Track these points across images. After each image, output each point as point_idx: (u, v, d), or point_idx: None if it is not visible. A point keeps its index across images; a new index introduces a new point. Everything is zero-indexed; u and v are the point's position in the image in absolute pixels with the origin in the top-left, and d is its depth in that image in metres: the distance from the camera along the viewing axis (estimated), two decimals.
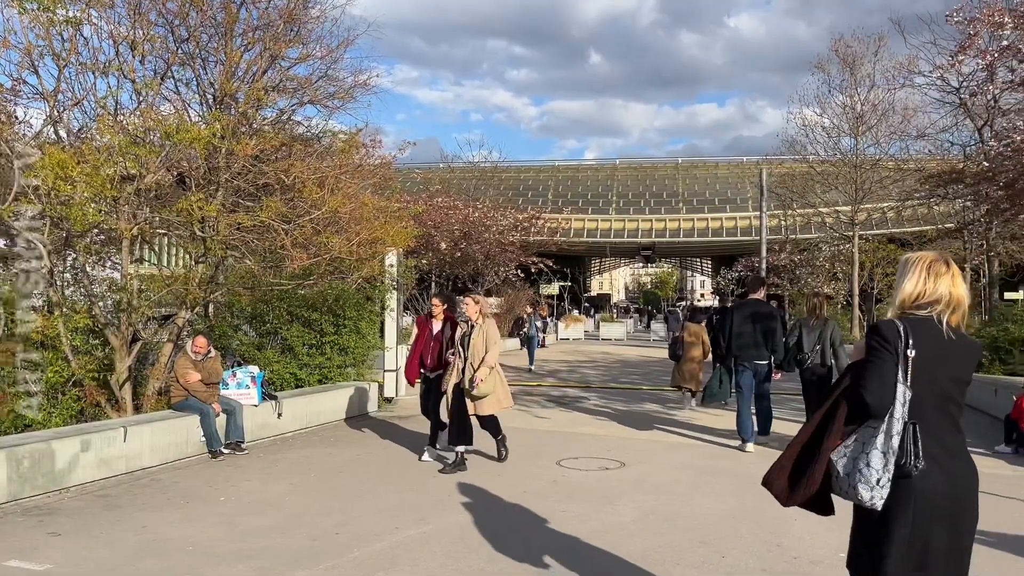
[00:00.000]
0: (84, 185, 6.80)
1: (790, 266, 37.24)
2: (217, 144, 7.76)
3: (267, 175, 9.16)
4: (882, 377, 2.74)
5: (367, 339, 12.32)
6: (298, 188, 9.05)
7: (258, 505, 6.41)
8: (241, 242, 8.71)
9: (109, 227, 8.39)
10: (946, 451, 2.77)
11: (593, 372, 19.31)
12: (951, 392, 2.81)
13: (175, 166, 9.38)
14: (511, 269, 31.56)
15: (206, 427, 8.26)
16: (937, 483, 2.73)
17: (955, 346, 2.83)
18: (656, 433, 10.19)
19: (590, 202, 57.58)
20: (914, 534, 2.73)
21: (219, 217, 7.66)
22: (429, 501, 6.58)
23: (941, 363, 2.80)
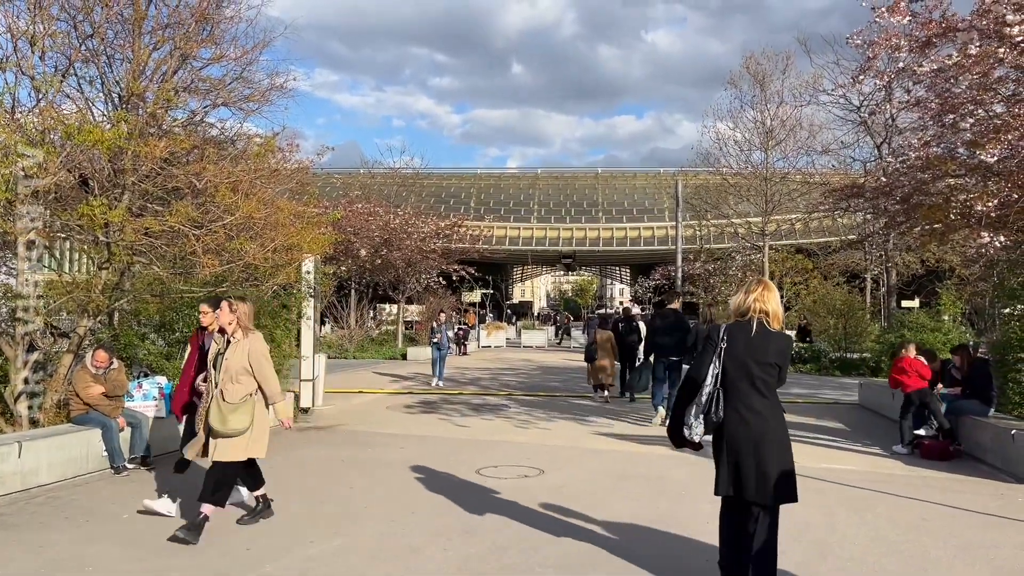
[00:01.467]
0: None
1: (704, 275, 38.40)
2: (123, 145, 7.43)
3: (177, 178, 8.83)
4: (701, 361, 4.40)
5: (282, 348, 12.00)
6: (210, 192, 8.76)
7: (164, 522, 6.14)
8: (149, 248, 8.36)
9: (3, 230, 7.92)
10: (748, 409, 4.27)
11: (514, 379, 19.40)
12: (755, 370, 4.27)
13: (77, 167, 8.94)
14: (432, 276, 31.40)
15: (108, 442, 7.89)
16: (737, 429, 4.28)
17: (761, 339, 4.29)
18: (576, 440, 10.31)
19: (512, 210, 57.92)
20: (728, 460, 4.31)
21: (124, 222, 7.32)
22: (345, 513, 6.46)
23: (748, 351, 4.28)
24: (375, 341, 29.66)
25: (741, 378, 4.28)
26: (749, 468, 4.23)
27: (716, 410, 4.28)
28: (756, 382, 4.26)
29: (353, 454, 9.23)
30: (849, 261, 35.33)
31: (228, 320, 5.87)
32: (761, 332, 4.30)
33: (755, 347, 4.27)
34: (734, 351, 4.29)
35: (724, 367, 4.30)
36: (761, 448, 4.22)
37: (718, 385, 4.29)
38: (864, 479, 7.95)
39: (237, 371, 5.77)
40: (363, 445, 9.85)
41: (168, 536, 5.55)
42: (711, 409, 4.29)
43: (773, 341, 4.30)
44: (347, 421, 11.92)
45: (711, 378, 4.30)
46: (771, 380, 4.29)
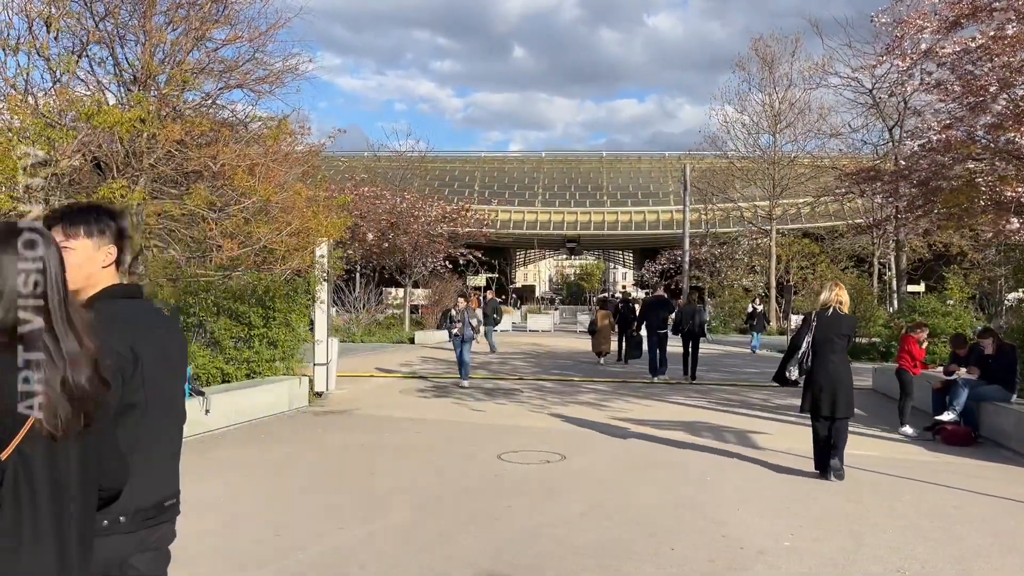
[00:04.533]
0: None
1: (711, 259, 38.28)
2: (141, 128, 7.33)
3: (193, 161, 8.74)
4: (800, 334, 7.24)
5: (297, 332, 11.98)
6: (227, 175, 8.67)
7: (193, 507, 6.09)
8: (166, 231, 8.29)
9: (20, 214, 7.83)
10: (828, 361, 7.04)
11: (524, 363, 19.36)
12: (833, 339, 7.07)
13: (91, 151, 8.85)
14: (439, 261, 31.29)
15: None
16: (819, 374, 7.07)
17: (836, 319, 7.11)
18: (594, 425, 10.26)
19: (516, 194, 57.71)
20: (813, 391, 7.13)
21: (143, 206, 7.24)
22: (371, 500, 6.43)
23: (827, 327, 7.08)
24: (381, 325, 29.60)
25: (823, 343, 7.09)
26: (827, 396, 7.05)
27: (807, 362, 7.11)
28: (834, 346, 7.10)
29: (372, 439, 9.20)
30: (856, 245, 35.18)
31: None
32: (836, 315, 7.17)
33: (832, 324, 7.13)
34: (820, 326, 7.12)
35: (814, 336, 7.11)
36: (834, 385, 7.04)
37: (809, 347, 7.08)
38: (888, 465, 7.91)
39: None
40: (380, 430, 9.82)
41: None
42: (804, 361, 7.11)
43: (844, 321, 7.27)
44: (362, 405, 11.88)
45: (805, 344, 7.11)
46: (842, 344, 7.21)
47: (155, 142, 8.18)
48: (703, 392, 13.93)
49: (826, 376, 7.01)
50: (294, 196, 9.58)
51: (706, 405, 12.19)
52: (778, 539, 5.35)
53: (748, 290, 36.34)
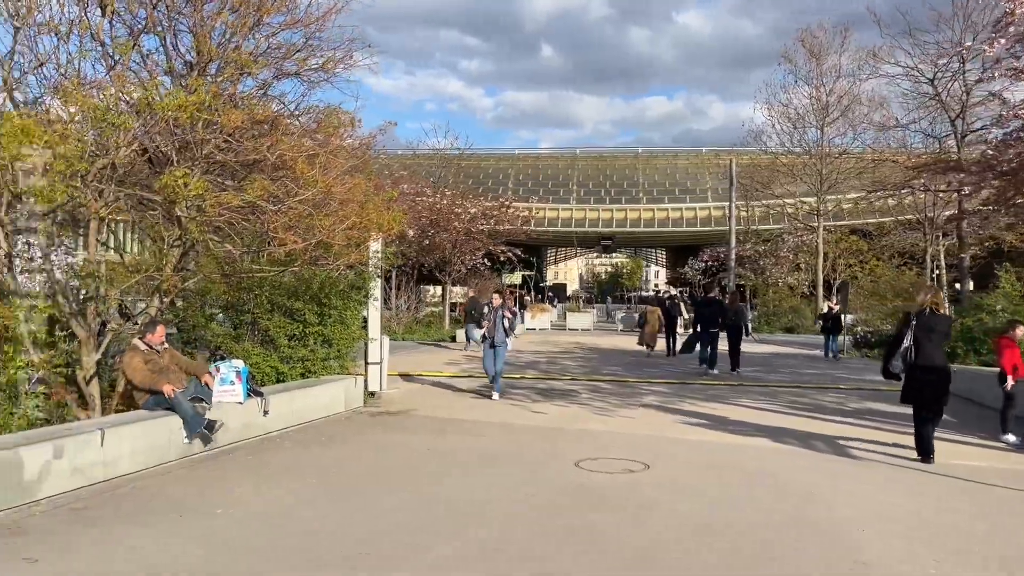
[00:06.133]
0: (53, 157, 5.94)
1: (754, 256, 37.39)
2: (206, 116, 6.93)
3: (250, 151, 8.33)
4: (900, 331, 8.03)
5: (351, 330, 11.57)
6: (288, 166, 8.26)
7: (261, 518, 5.69)
8: (226, 224, 7.90)
9: (76, 205, 7.49)
10: (928, 356, 7.70)
11: (573, 363, 18.82)
12: (931, 335, 7.74)
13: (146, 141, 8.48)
14: (477, 258, 30.88)
15: (183, 411, 7.44)
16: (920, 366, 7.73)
17: (932, 319, 7.80)
18: (664, 428, 9.71)
19: (550, 191, 57.16)
20: (913, 384, 7.82)
21: (206, 195, 6.84)
22: (451, 512, 5.94)
23: (925, 326, 7.75)
24: (420, 323, 29.29)
25: (923, 340, 7.72)
26: (927, 388, 7.71)
27: (909, 356, 7.76)
28: (932, 342, 7.73)
29: (435, 443, 8.74)
30: (907, 242, 34.06)
31: None
32: (933, 315, 7.83)
33: (930, 323, 7.78)
34: (920, 325, 7.78)
35: (915, 333, 7.76)
36: (932, 377, 7.68)
37: (911, 343, 7.73)
38: (1004, 477, 7.25)
39: None
40: (442, 432, 9.36)
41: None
42: (907, 356, 7.77)
43: (941, 320, 7.92)
44: (416, 406, 11.44)
45: (907, 340, 7.77)
46: (939, 340, 7.84)
47: (213, 130, 7.78)
48: (768, 394, 13.29)
49: (926, 369, 7.66)
50: (353, 188, 9.15)
51: (777, 408, 11.56)
52: (923, 568, 4.77)
53: (793, 288, 35.44)
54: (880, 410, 11.44)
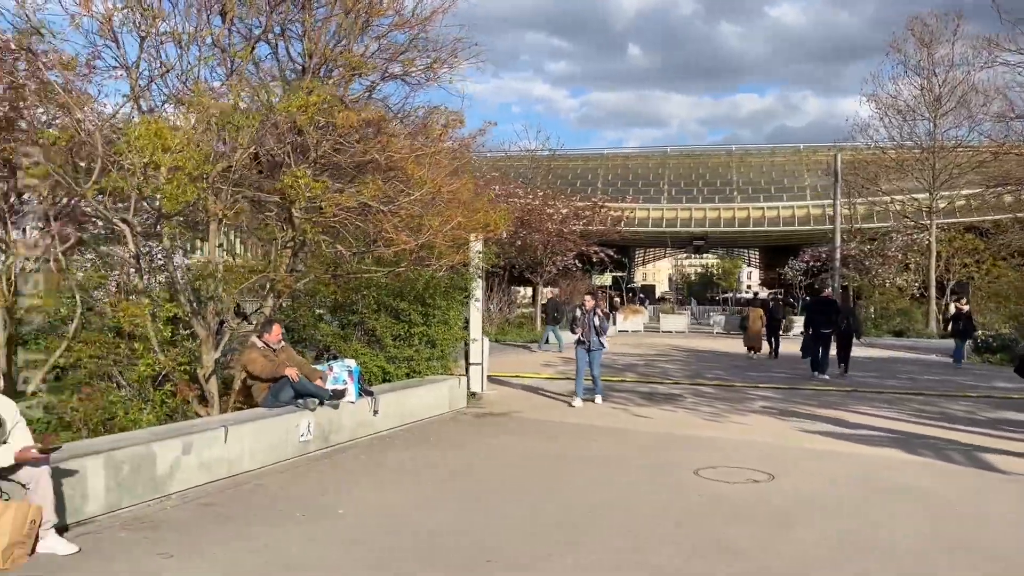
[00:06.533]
0: (183, 159, 6.08)
1: (860, 256, 35.64)
2: (325, 118, 6.98)
3: (361, 152, 8.37)
4: None
5: (453, 331, 11.55)
6: (399, 167, 8.26)
7: (383, 520, 5.64)
8: (339, 224, 7.95)
9: (201, 207, 7.69)
10: None
11: (672, 366, 18.34)
12: None
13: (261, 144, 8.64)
14: (569, 259, 30.61)
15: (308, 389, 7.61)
16: None
17: None
18: (783, 437, 9.22)
19: (640, 191, 56.22)
20: None
21: (324, 196, 6.88)
22: (572, 520, 5.74)
23: None
24: (512, 324, 29.27)
25: None
26: None
27: None
28: None
29: (545, 446, 8.57)
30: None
31: None
32: None
33: None
34: None
35: None
36: None
37: None
38: None
39: None
40: (550, 436, 9.18)
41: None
42: None
43: None
44: (519, 408, 11.31)
45: None
46: None
47: (326, 131, 7.84)
48: (888, 401, 12.52)
49: None
50: (460, 188, 9.09)
51: (901, 416, 10.85)
52: None
53: (902, 289, 33.61)
54: (1019, 420, 10.59)
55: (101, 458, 5.47)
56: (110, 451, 5.58)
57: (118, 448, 5.67)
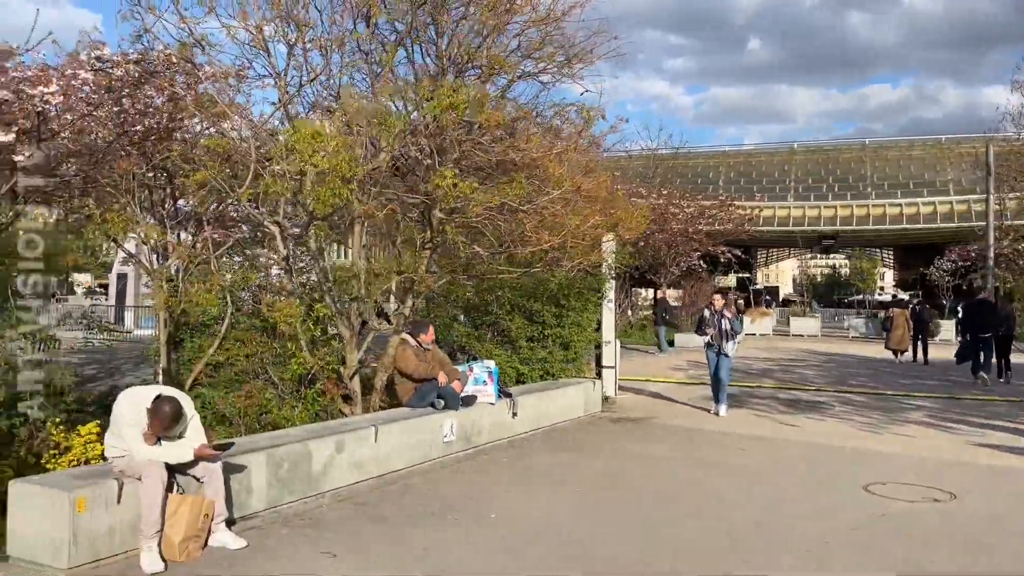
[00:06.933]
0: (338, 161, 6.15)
1: (1012, 255, 32.78)
2: (471, 118, 6.92)
3: (500, 151, 8.29)
4: None
5: (586, 333, 11.31)
6: (538, 165, 8.12)
7: (536, 527, 5.47)
8: (480, 224, 7.89)
9: (346, 209, 7.82)
10: None
11: (811, 372, 17.38)
12: None
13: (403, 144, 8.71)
14: (693, 259, 29.74)
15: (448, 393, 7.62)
16: None
17: None
18: (957, 452, 8.41)
19: (765, 188, 54.02)
20: None
21: (472, 196, 6.82)
22: (738, 536, 5.38)
23: None
24: (634, 327, 28.74)
25: None
26: None
27: None
28: None
29: (690, 454, 8.19)
30: None
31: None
32: None
33: None
34: None
35: None
36: None
37: None
38: None
39: None
40: (694, 443, 8.78)
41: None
42: None
43: None
44: (656, 413, 10.94)
45: None
46: None
47: (466, 130, 7.79)
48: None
49: None
50: (598, 186, 8.85)
51: None
52: None
53: None
54: None
55: (263, 455, 5.58)
56: (270, 448, 5.70)
57: (278, 445, 5.79)
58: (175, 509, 4.60)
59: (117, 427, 4.66)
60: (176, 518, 4.58)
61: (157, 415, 4.60)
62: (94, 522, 4.41)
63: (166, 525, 4.55)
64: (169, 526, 4.56)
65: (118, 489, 4.55)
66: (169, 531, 4.55)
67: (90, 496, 4.39)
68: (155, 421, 4.61)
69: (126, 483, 4.58)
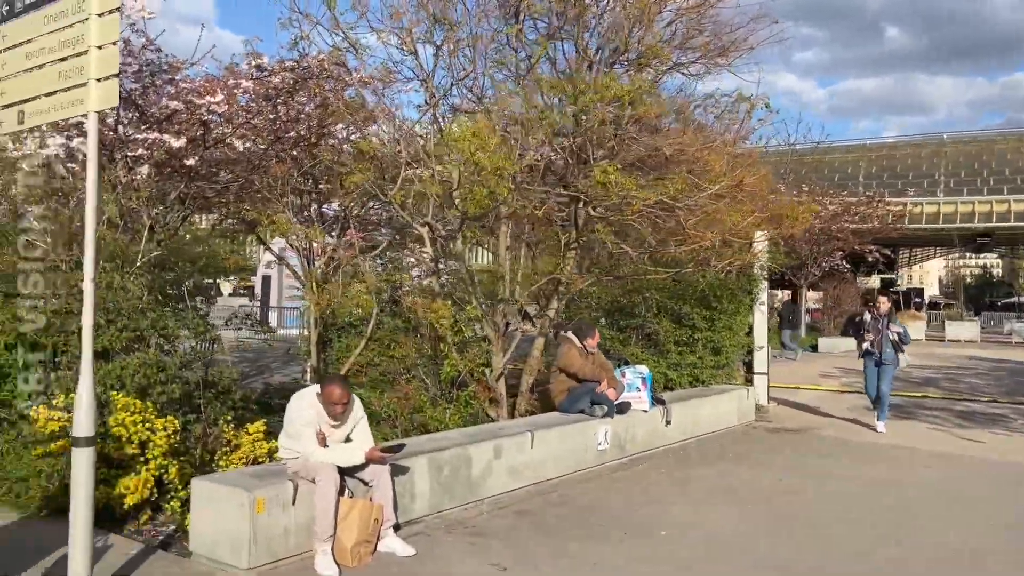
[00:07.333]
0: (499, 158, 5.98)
1: None
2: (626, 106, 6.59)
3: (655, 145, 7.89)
4: None
5: (738, 337, 10.72)
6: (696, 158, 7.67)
7: (711, 546, 5.07)
8: (635, 222, 7.53)
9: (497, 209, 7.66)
10: None
11: (980, 381, 15.88)
12: None
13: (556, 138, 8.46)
14: (835, 259, 28.04)
15: (602, 399, 7.28)
16: None
17: None
18: None
19: (911, 183, 50.45)
20: None
21: (636, 192, 6.47)
22: (944, 563, 4.77)
23: None
24: (771, 330, 27.38)
25: None
26: None
27: None
28: None
29: (865, 471, 7.49)
30: None
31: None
32: None
33: None
34: None
35: None
36: None
37: None
38: None
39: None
40: (866, 459, 8.05)
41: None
42: None
43: None
44: (814, 424, 10.20)
45: None
46: None
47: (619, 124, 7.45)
48: None
49: None
50: (760, 180, 8.29)
51: None
52: None
53: None
54: None
55: (425, 459, 5.47)
56: (432, 452, 5.58)
57: (440, 449, 5.66)
58: (346, 513, 4.53)
59: (292, 428, 4.65)
60: (348, 522, 4.51)
61: (329, 395, 4.60)
62: (271, 523, 4.40)
63: (338, 529, 4.49)
64: (341, 530, 4.49)
65: (293, 491, 4.52)
66: (341, 535, 4.49)
67: (268, 497, 4.38)
68: (329, 402, 4.60)
69: (300, 484, 4.56)
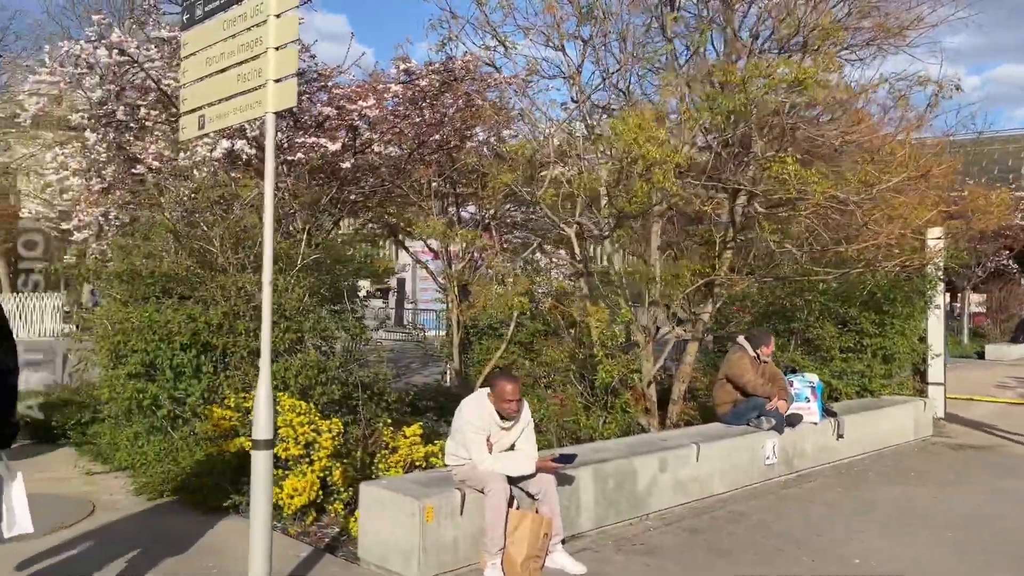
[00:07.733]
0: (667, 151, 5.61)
1: None
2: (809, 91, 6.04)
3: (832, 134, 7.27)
4: None
5: (910, 342, 9.79)
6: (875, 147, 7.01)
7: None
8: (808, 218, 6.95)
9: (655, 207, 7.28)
10: None
11: None
12: None
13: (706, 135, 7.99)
14: (1002, 259, 25.60)
15: (772, 412, 6.76)
16: None
17: None
18: None
19: None
20: None
21: (818, 184, 5.92)
22: None
23: None
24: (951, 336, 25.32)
25: None
26: None
27: None
28: None
29: None
30: None
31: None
32: None
33: None
34: None
35: None
36: None
37: None
38: None
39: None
40: None
41: None
42: None
43: None
44: (1001, 440, 9.14)
45: None
46: None
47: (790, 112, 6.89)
48: None
49: None
50: (946, 169, 7.48)
51: None
52: None
53: None
54: None
55: (590, 470, 5.18)
56: (597, 463, 5.28)
57: (604, 461, 5.36)
58: (516, 525, 4.31)
59: (461, 434, 4.48)
60: (518, 535, 4.29)
61: (502, 390, 4.45)
62: (440, 532, 4.25)
63: (507, 542, 4.28)
64: (511, 543, 4.28)
65: (460, 500, 4.35)
66: (511, 548, 4.27)
67: (436, 505, 4.23)
68: (502, 399, 4.45)
69: (467, 493, 4.38)
